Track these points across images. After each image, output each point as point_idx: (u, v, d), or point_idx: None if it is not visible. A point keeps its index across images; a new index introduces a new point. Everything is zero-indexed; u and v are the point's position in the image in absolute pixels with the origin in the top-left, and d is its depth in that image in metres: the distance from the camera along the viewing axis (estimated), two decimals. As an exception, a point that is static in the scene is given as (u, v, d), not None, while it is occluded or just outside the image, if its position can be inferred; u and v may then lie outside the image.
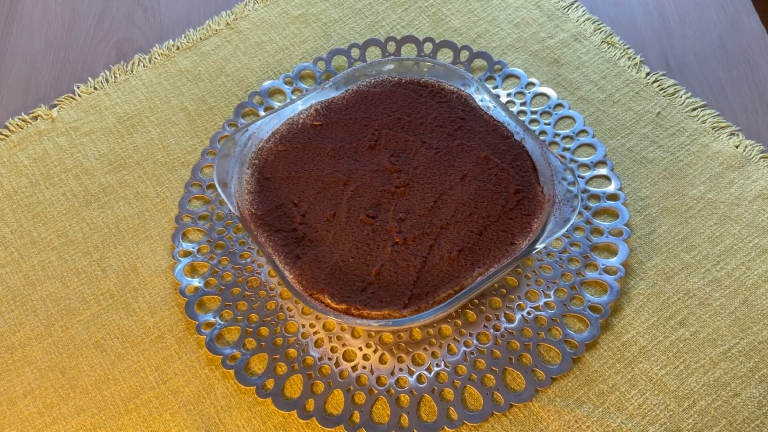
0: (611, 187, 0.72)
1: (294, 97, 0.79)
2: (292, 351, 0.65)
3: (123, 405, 0.64)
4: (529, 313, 0.66)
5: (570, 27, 0.84)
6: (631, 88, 0.79)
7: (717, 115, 0.77)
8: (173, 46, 0.85)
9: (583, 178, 0.73)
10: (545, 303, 0.66)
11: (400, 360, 0.64)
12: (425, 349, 0.65)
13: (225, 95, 0.81)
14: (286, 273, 0.63)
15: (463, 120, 0.72)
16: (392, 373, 0.64)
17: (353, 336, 0.65)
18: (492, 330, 0.65)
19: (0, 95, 0.83)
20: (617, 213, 0.71)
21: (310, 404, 0.63)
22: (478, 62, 0.81)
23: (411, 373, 0.64)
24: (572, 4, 0.85)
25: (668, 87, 0.79)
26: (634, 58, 0.81)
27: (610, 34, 0.83)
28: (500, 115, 0.72)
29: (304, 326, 0.66)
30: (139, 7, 0.89)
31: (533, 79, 0.80)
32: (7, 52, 0.86)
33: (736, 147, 0.74)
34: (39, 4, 0.90)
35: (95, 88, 0.82)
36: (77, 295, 0.69)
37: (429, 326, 0.66)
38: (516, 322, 0.66)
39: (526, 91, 0.79)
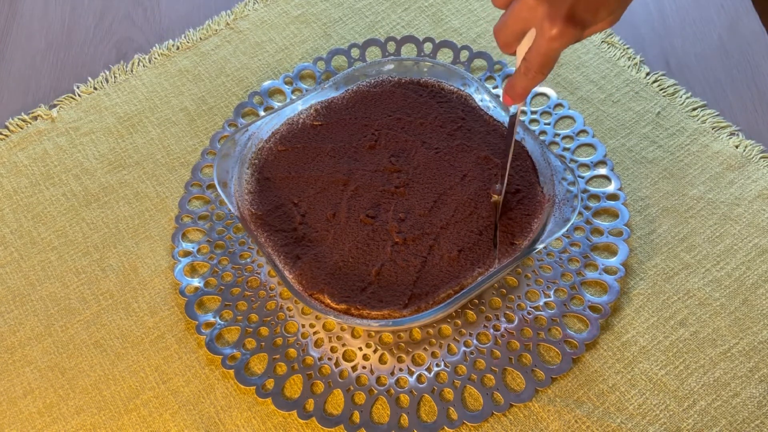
0: (611, 187, 0.72)
1: (294, 97, 0.79)
2: (292, 351, 0.65)
3: (123, 405, 0.64)
4: (529, 313, 0.66)
5: (570, 27, 0.84)
6: (631, 88, 0.79)
7: (717, 115, 0.77)
8: (173, 46, 0.85)
9: (583, 178, 0.73)
10: (545, 303, 0.66)
11: (400, 360, 0.64)
12: (425, 349, 0.65)
13: (225, 95, 0.81)
14: (286, 273, 0.63)
15: (463, 120, 0.72)
16: (392, 373, 0.64)
17: (353, 336, 0.65)
18: (492, 330, 0.65)
19: (0, 95, 0.83)
20: (617, 213, 0.71)
21: (310, 404, 0.63)
22: (478, 62, 0.81)
23: (411, 373, 0.64)
24: (572, 4, 0.85)
25: (668, 87, 0.79)
26: (634, 58, 0.81)
27: (610, 34, 0.83)
28: (500, 115, 0.72)
29: (304, 326, 0.66)
30: (139, 7, 0.89)
31: (533, 79, 0.80)
32: (7, 52, 0.86)
33: (736, 147, 0.74)
34: (39, 4, 0.90)
35: (95, 88, 0.82)
36: (77, 295, 0.69)
37: (429, 326, 0.66)
38: (516, 322, 0.66)
39: (526, 91, 0.79)
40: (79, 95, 0.81)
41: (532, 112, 0.77)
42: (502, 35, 0.55)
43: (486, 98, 0.73)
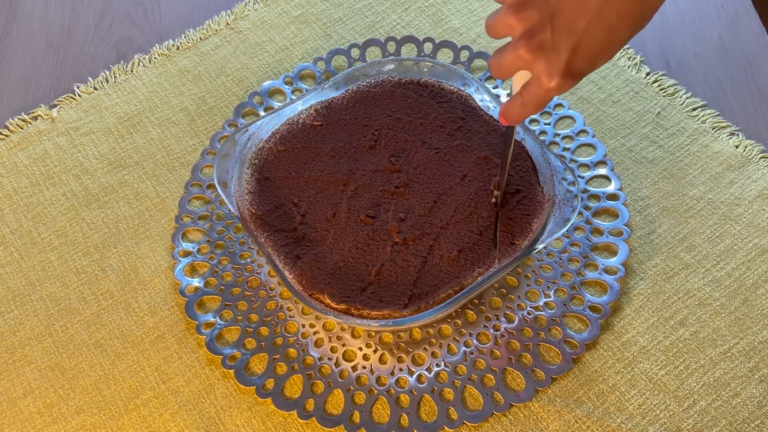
0: (611, 187, 0.72)
1: (294, 97, 0.79)
2: (292, 351, 0.65)
3: (123, 405, 0.64)
4: (529, 313, 0.66)
5: (570, 27, 0.84)
6: (631, 88, 0.79)
7: (717, 115, 0.77)
8: (173, 46, 0.85)
9: (583, 178, 0.73)
10: (545, 303, 0.66)
11: (400, 360, 0.64)
12: (425, 349, 0.65)
13: (225, 95, 0.81)
14: (286, 273, 0.63)
15: (463, 120, 0.72)
16: (392, 373, 0.64)
17: (353, 336, 0.65)
18: (492, 330, 0.65)
19: (0, 95, 0.83)
20: (617, 213, 0.71)
21: (310, 404, 0.63)
22: (478, 62, 0.81)
23: (411, 373, 0.64)
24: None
25: (668, 87, 0.79)
26: (634, 58, 0.81)
27: (610, 34, 0.83)
28: (500, 115, 0.72)
29: (304, 326, 0.66)
30: (139, 7, 0.89)
31: (533, 79, 0.80)
32: (7, 52, 0.86)
33: (736, 147, 0.74)
34: (39, 4, 0.90)
35: (95, 88, 0.82)
36: (77, 295, 0.69)
37: (429, 326, 0.66)
38: (516, 322, 0.66)
39: (526, 91, 0.79)
40: (79, 95, 0.81)
41: (532, 112, 0.77)
42: (498, 73, 0.55)
43: (486, 98, 0.73)
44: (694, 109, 0.77)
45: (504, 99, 0.77)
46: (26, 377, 0.65)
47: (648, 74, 0.80)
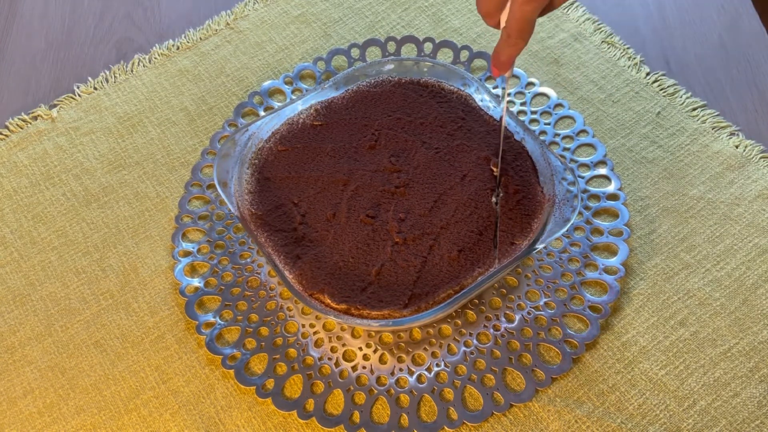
0: (611, 187, 0.72)
1: (294, 97, 0.79)
2: (292, 351, 0.65)
3: (123, 405, 0.64)
4: (529, 313, 0.66)
5: (570, 27, 0.84)
6: (631, 88, 0.79)
7: (717, 115, 0.77)
8: (173, 46, 0.85)
9: (583, 178, 0.73)
10: (545, 303, 0.66)
11: (400, 360, 0.64)
12: (425, 349, 0.65)
13: (225, 95, 0.81)
14: (286, 273, 0.63)
15: (463, 120, 0.72)
16: (392, 373, 0.64)
17: (353, 336, 0.65)
18: (492, 330, 0.65)
19: (0, 95, 0.83)
20: (617, 213, 0.71)
21: (310, 404, 0.63)
22: (478, 62, 0.81)
23: (411, 373, 0.64)
24: (572, 4, 0.85)
25: (668, 87, 0.79)
26: (634, 58, 0.81)
27: (610, 34, 0.83)
28: (500, 115, 0.72)
29: (304, 326, 0.66)
30: (139, 7, 0.89)
31: (533, 79, 0.80)
32: (7, 52, 0.86)
33: (736, 147, 0.74)
34: (39, 4, 0.90)
35: (95, 88, 0.82)
36: (77, 295, 0.69)
37: (429, 326, 0.66)
38: (516, 322, 0.66)
39: (526, 91, 0.79)
40: (79, 95, 0.81)
41: (532, 112, 0.77)
42: (483, 6, 0.57)
43: (486, 98, 0.73)
44: (694, 109, 0.77)
45: (504, 102, 0.77)
46: (26, 377, 0.65)
47: (648, 74, 0.80)
